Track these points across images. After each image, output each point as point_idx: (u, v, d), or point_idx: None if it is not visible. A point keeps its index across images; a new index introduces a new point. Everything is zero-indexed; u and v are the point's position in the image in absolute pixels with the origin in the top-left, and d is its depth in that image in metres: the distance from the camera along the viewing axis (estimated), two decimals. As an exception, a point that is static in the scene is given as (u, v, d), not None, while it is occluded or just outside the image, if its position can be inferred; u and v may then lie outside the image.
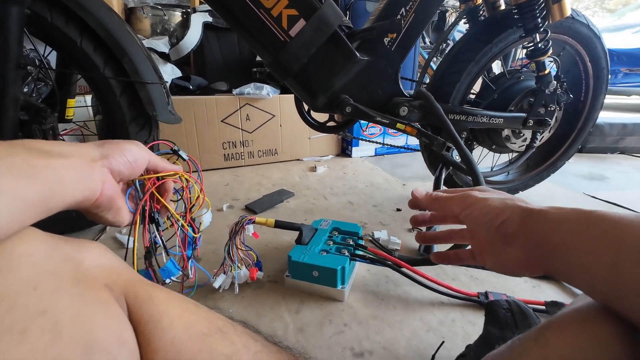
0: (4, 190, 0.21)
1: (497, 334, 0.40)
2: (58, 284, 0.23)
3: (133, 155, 0.35)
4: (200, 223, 0.52)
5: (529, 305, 0.48)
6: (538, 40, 0.79)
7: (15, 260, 0.22)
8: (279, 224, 0.67)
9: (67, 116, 0.82)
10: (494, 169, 1.08)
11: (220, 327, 0.29)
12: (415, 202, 0.43)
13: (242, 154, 1.44)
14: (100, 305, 0.24)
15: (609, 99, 3.71)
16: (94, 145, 0.32)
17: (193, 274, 0.53)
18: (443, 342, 0.47)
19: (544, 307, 0.58)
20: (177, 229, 0.47)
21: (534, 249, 0.28)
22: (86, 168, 0.29)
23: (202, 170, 1.39)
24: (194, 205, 0.49)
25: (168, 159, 0.44)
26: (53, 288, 0.23)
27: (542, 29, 0.77)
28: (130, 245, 0.41)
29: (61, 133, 0.93)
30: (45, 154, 0.25)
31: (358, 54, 0.74)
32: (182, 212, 0.48)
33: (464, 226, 0.38)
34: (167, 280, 0.45)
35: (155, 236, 0.44)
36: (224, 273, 0.62)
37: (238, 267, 0.62)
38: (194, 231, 0.50)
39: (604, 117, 1.81)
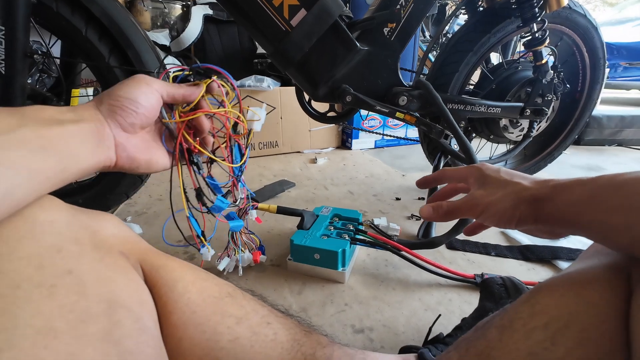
0: (18, 165, 0.21)
1: (492, 307, 0.42)
2: (80, 248, 0.25)
3: (138, 102, 0.30)
4: (251, 131, 0.48)
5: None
6: (535, 30, 0.80)
7: (39, 227, 0.24)
8: (281, 210, 0.69)
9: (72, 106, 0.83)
10: (492, 158, 1.09)
11: (229, 292, 0.31)
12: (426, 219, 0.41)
13: (243, 146, 1.45)
14: (119, 270, 0.26)
15: (608, 93, 3.72)
16: (96, 103, 0.29)
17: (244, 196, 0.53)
18: (440, 315, 0.49)
19: (538, 288, 0.60)
20: (226, 154, 0.45)
21: (552, 228, 0.30)
22: (96, 134, 0.27)
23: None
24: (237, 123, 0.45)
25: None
26: (76, 252, 0.24)
27: (539, 19, 0.78)
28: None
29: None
30: (55, 123, 0.25)
31: (358, 44, 0.75)
32: (223, 132, 0.44)
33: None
34: (219, 215, 0.44)
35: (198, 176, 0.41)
36: (228, 256, 0.64)
37: (242, 250, 0.64)
38: (241, 151, 0.48)
39: (602, 109, 1.82)
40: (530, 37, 0.81)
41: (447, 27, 1.94)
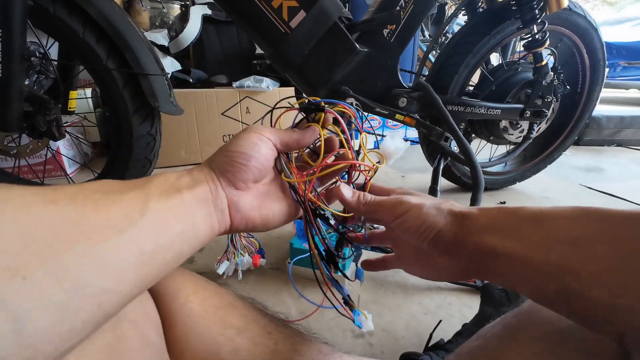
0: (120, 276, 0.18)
1: (492, 313, 0.42)
2: None
3: (248, 154, 0.27)
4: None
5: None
6: (535, 31, 0.80)
7: None
8: (281, 213, 0.69)
9: (70, 108, 0.83)
10: (491, 160, 1.09)
11: (230, 302, 0.30)
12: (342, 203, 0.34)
13: (243, 146, 1.45)
14: None
15: (607, 93, 3.72)
16: (210, 161, 0.27)
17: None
18: (440, 320, 0.49)
19: (538, 291, 0.60)
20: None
21: (468, 257, 0.25)
22: (210, 198, 0.25)
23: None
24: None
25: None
26: None
27: (539, 21, 0.78)
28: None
29: (64, 125, 0.94)
30: (174, 191, 0.23)
31: (358, 46, 0.75)
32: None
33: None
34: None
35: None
36: (227, 260, 0.63)
37: (241, 254, 0.63)
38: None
39: (602, 110, 1.82)
40: (530, 39, 0.81)
41: (447, 27, 1.94)
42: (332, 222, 0.32)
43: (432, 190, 0.84)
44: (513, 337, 0.25)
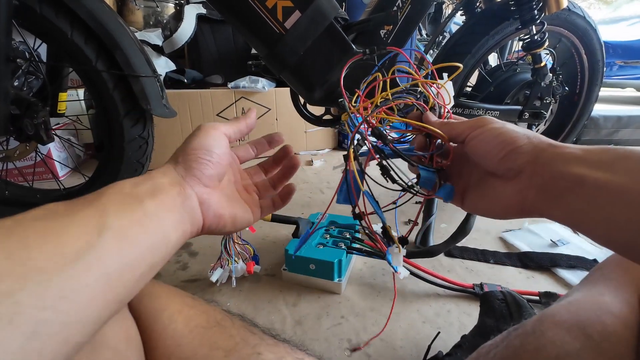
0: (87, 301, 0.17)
1: (492, 325, 0.41)
2: None
3: (212, 150, 0.27)
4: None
5: (523, 295, 0.49)
6: (534, 32, 0.79)
7: None
8: (276, 218, 0.67)
9: (60, 110, 0.80)
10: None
11: (218, 321, 0.29)
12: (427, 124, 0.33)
13: (238, 148, 1.43)
14: None
15: (603, 92, 3.73)
16: (172, 163, 0.27)
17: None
18: (439, 332, 0.48)
19: (537, 298, 0.59)
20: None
21: (542, 184, 0.23)
22: (178, 202, 0.24)
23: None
24: None
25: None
26: None
27: (538, 21, 0.77)
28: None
29: (54, 127, 0.91)
30: (135, 202, 0.21)
31: (354, 47, 0.73)
32: None
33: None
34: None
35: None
36: (221, 267, 0.62)
37: (235, 260, 0.62)
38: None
39: (599, 109, 1.82)
40: (529, 40, 0.80)
41: (444, 27, 1.92)
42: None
43: (428, 209, 0.83)
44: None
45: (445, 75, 0.38)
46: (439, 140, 0.32)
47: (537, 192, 0.24)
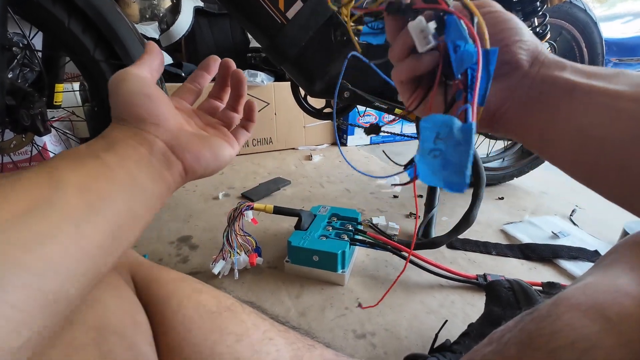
0: (58, 259, 0.16)
1: (500, 313, 0.40)
2: None
3: (140, 89, 0.25)
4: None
5: (528, 285, 0.48)
6: (536, 24, 0.78)
7: None
8: (278, 210, 0.67)
9: (56, 101, 0.79)
10: (489, 155, 1.08)
11: (229, 306, 0.28)
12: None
13: (237, 142, 1.42)
14: (110, 289, 0.24)
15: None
16: (115, 120, 0.25)
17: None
18: (446, 321, 0.48)
19: (540, 288, 0.59)
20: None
21: (531, 83, 0.23)
22: (143, 152, 0.23)
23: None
24: None
25: None
26: None
27: (540, 13, 0.76)
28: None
29: (50, 120, 0.90)
30: (90, 157, 0.20)
31: (356, 37, 0.73)
32: None
33: None
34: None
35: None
36: (223, 259, 0.61)
37: (237, 253, 0.61)
38: None
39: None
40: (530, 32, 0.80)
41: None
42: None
43: (432, 186, 0.83)
44: (535, 345, 0.23)
45: None
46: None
47: (522, 94, 0.23)
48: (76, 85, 1.22)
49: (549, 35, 0.80)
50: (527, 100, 0.22)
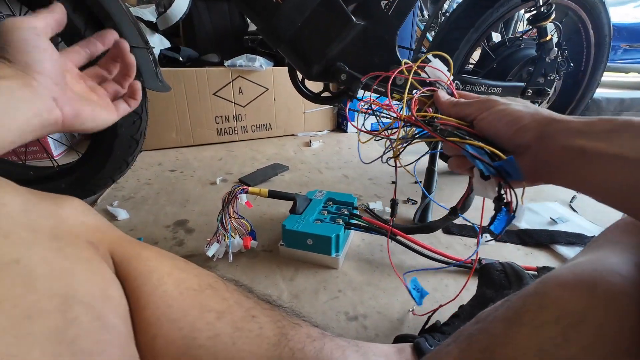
0: None
1: (492, 295, 0.40)
2: (33, 236, 0.22)
3: (33, 44, 0.27)
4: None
5: (522, 269, 0.48)
6: (541, 4, 0.76)
7: None
8: (273, 194, 0.66)
9: (50, 84, 0.78)
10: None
11: (211, 284, 0.28)
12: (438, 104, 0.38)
13: (236, 128, 1.41)
14: (82, 262, 0.23)
15: (607, 76, 3.67)
16: (2, 63, 0.27)
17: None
18: (440, 305, 0.47)
19: (536, 273, 0.58)
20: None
21: (547, 158, 0.26)
22: (24, 87, 0.25)
23: (195, 146, 1.37)
24: None
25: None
26: (27, 239, 0.21)
27: (545, -8, 0.74)
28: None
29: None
30: None
31: (354, 18, 0.71)
32: None
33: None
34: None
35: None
36: (217, 242, 0.61)
37: (232, 235, 0.61)
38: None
39: (601, 92, 1.79)
40: (535, 12, 0.77)
41: (445, 6, 1.87)
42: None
43: (430, 172, 0.82)
44: (520, 321, 0.23)
45: (429, 56, 0.43)
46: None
47: (544, 164, 0.27)
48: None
49: (553, 16, 0.77)
50: (551, 168, 0.27)
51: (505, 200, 0.29)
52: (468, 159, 0.31)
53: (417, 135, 0.37)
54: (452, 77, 0.42)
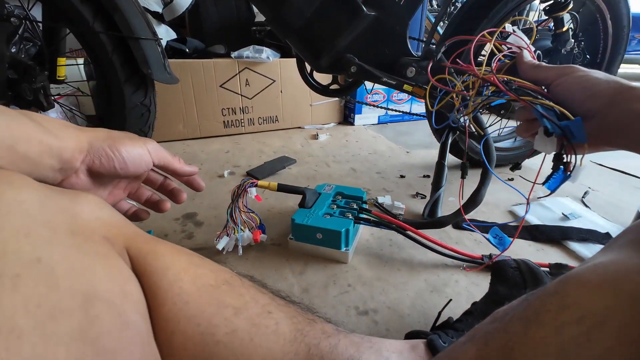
0: None
1: (505, 293, 0.40)
2: (52, 233, 0.22)
3: (128, 165, 0.34)
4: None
5: (535, 266, 0.47)
6: (558, -7, 0.73)
7: (5, 206, 0.21)
8: (282, 188, 0.66)
9: (59, 76, 0.78)
10: (501, 135, 1.05)
11: (227, 279, 0.28)
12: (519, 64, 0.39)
13: (242, 121, 1.40)
14: (100, 258, 0.23)
15: (621, 68, 3.56)
16: (88, 130, 0.32)
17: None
18: (450, 300, 0.47)
19: (548, 270, 0.58)
20: None
21: (615, 120, 0.29)
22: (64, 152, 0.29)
23: (202, 138, 1.36)
24: None
25: None
26: (47, 237, 0.21)
27: (563, -19, 0.71)
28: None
29: (56, 96, 0.89)
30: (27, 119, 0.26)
31: (365, 9, 0.69)
32: None
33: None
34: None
35: None
36: (227, 235, 0.61)
37: (241, 229, 0.61)
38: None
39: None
40: (552, 2, 0.75)
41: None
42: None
43: (440, 166, 0.81)
44: (540, 321, 0.22)
45: (507, 25, 0.44)
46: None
47: (610, 128, 0.29)
48: (81, 62, 1.21)
49: (571, 6, 0.75)
50: (613, 131, 0.29)
51: (564, 160, 0.32)
52: (535, 123, 0.33)
53: (491, 95, 0.39)
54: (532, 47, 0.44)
